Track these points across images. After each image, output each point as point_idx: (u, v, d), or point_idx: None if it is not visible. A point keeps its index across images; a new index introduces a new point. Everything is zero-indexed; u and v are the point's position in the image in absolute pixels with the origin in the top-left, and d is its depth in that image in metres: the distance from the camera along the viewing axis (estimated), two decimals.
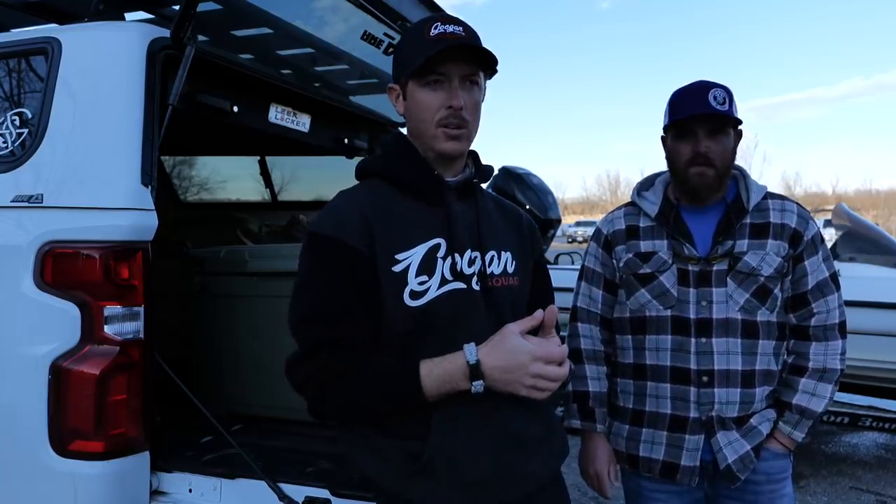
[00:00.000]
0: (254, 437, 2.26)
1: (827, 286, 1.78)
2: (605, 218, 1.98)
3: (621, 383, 1.88)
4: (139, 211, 1.80)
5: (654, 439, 1.79)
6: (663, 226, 1.81)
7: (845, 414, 4.38)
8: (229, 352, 2.55)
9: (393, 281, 1.27)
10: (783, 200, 1.82)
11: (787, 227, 1.76)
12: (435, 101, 1.31)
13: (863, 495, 4.09)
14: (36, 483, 1.81)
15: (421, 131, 1.35)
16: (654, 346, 1.78)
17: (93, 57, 1.89)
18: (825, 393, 1.77)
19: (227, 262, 2.59)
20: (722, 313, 1.72)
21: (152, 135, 1.84)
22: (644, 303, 1.80)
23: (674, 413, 1.76)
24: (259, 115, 2.43)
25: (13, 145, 1.93)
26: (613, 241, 1.89)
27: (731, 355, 1.72)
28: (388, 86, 1.41)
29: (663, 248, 1.79)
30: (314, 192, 4.41)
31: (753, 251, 1.74)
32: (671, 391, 1.76)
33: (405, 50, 1.36)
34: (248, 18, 2.49)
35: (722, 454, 1.73)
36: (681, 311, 1.75)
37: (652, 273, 1.79)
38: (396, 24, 2.58)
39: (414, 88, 1.33)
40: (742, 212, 1.78)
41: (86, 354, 1.75)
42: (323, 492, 1.82)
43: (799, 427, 1.77)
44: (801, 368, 1.79)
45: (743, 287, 1.72)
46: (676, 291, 1.76)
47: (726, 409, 1.73)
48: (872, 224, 5.66)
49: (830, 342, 1.78)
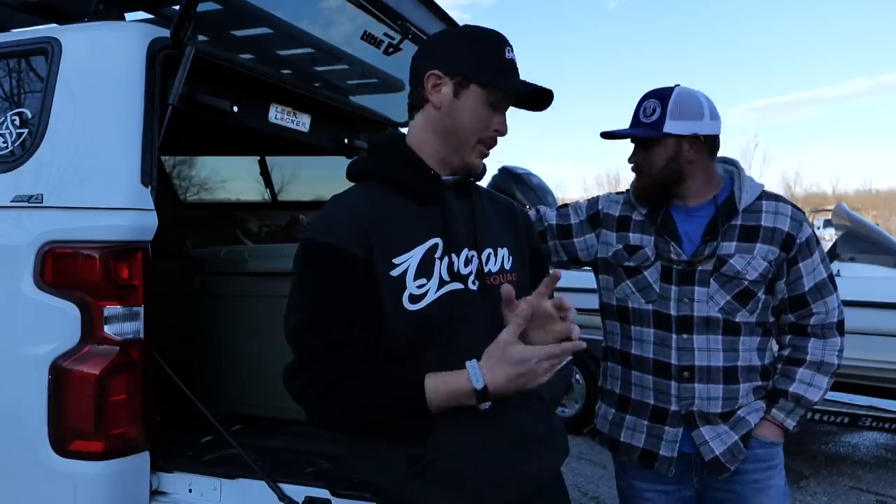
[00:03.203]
0: (254, 437, 2.26)
1: (825, 287, 1.80)
2: (609, 196, 1.99)
3: (611, 367, 1.92)
4: (139, 211, 1.79)
5: (636, 427, 1.83)
6: (651, 223, 1.83)
7: (845, 414, 4.38)
8: (229, 352, 2.55)
9: (391, 285, 1.25)
10: (777, 202, 1.82)
11: (778, 231, 1.76)
12: (490, 120, 1.34)
13: (863, 495, 4.09)
14: (36, 483, 1.81)
15: (458, 135, 1.33)
16: (639, 337, 1.82)
17: (93, 57, 1.89)
18: (821, 384, 1.79)
19: (227, 262, 2.59)
20: (703, 311, 1.74)
21: (152, 135, 1.84)
22: (628, 294, 1.84)
23: (655, 404, 1.79)
24: (259, 115, 2.43)
25: (13, 145, 1.93)
26: (603, 222, 1.92)
27: (711, 352, 1.74)
28: (432, 72, 1.32)
29: (650, 244, 1.82)
30: (314, 192, 4.41)
31: (740, 254, 1.74)
32: (653, 383, 1.79)
33: (487, 56, 1.32)
34: (248, 18, 2.49)
35: (707, 447, 1.75)
36: (662, 307, 1.78)
37: (636, 267, 1.82)
38: (396, 24, 2.58)
39: (476, 95, 1.31)
40: (732, 213, 1.78)
41: (86, 354, 1.75)
42: (323, 492, 1.82)
43: (792, 415, 1.79)
44: (799, 360, 1.82)
45: (725, 289, 1.74)
46: (658, 287, 1.78)
47: (708, 404, 1.75)
48: (872, 224, 5.66)
49: (829, 339, 1.81)
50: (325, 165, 3.85)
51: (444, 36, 1.42)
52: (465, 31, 1.40)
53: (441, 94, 1.32)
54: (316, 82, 3.02)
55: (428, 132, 1.36)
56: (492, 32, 1.36)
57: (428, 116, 1.35)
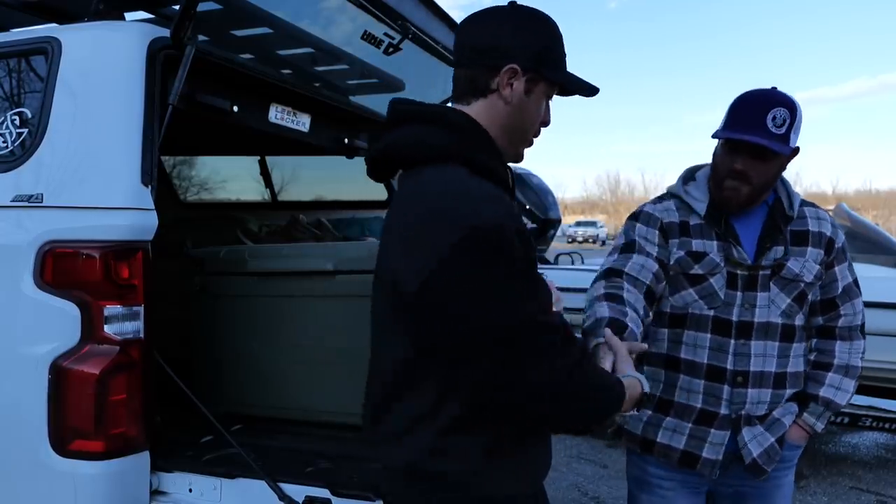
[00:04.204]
0: (254, 437, 2.26)
1: (852, 290, 1.86)
2: (656, 206, 1.87)
3: (650, 371, 1.85)
4: (139, 211, 1.80)
5: (678, 429, 1.81)
6: (713, 227, 1.79)
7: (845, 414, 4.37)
8: (229, 352, 2.55)
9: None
10: (816, 209, 1.87)
11: (823, 235, 1.81)
12: (543, 113, 1.34)
13: (863, 495, 4.09)
14: (36, 483, 1.81)
15: (524, 130, 1.33)
16: (693, 341, 1.78)
17: (93, 57, 1.89)
18: (849, 388, 1.84)
19: (227, 262, 2.59)
20: (763, 317, 1.75)
21: (152, 134, 1.84)
22: (689, 301, 1.78)
23: (703, 408, 1.77)
24: (259, 115, 2.43)
25: (13, 145, 1.93)
26: (668, 232, 1.82)
27: (766, 358, 1.76)
28: (511, 66, 1.25)
29: (713, 250, 1.77)
30: (314, 192, 4.42)
31: (795, 258, 1.77)
32: (704, 387, 1.77)
33: (555, 49, 1.30)
34: (248, 18, 2.49)
35: (747, 449, 1.76)
36: (724, 313, 1.76)
37: (703, 274, 1.77)
38: (396, 24, 2.58)
39: (542, 91, 1.30)
40: (787, 218, 1.80)
41: (86, 354, 1.75)
42: (323, 492, 1.82)
43: (821, 419, 1.84)
44: (827, 364, 1.85)
45: (785, 292, 1.76)
46: (724, 294, 1.76)
47: (756, 408, 1.77)
48: (873, 224, 5.66)
49: (854, 341, 1.86)
50: (325, 165, 3.86)
51: (514, 20, 1.30)
52: (531, 16, 1.30)
53: (514, 89, 1.27)
54: (316, 82, 3.02)
55: (493, 125, 1.28)
56: (550, 20, 1.32)
57: (495, 108, 1.28)
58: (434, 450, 1.22)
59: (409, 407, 1.24)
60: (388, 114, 1.33)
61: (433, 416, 1.21)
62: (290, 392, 2.41)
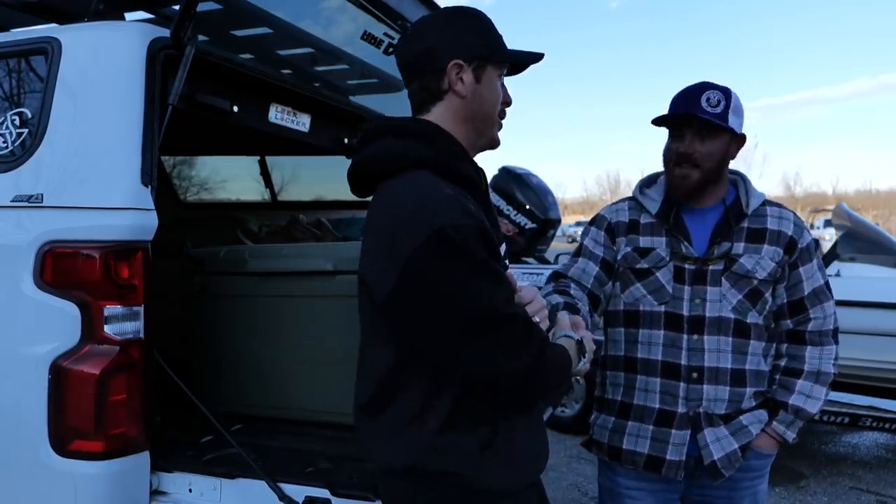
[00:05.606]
0: (254, 437, 2.26)
1: (823, 293, 1.83)
2: (609, 207, 2.00)
3: (611, 375, 1.90)
4: (139, 211, 1.80)
5: (640, 433, 1.81)
6: (663, 223, 1.83)
7: (845, 414, 4.37)
8: (229, 352, 2.54)
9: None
10: (780, 208, 1.87)
11: (783, 234, 1.80)
12: (502, 93, 1.38)
13: (863, 495, 4.09)
14: (36, 483, 1.81)
15: (488, 116, 1.37)
16: (647, 340, 1.81)
17: (93, 57, 1.89)
18: (820, 395, 1.81)
19: (227, 262, 2.59)
20: (715, 312, 1.75)
21: (152, 135, 1.84)
22: (638, 297, 1.82)
23: (661, 407, 1.78)
24: (259, 115, 2.43)
25: (13, 145, 1.93)
26: (616, 231, 1.90)
27: (721, 353, 1.75)
28: (454, 62, 1.31)
29: (661, 245, 1.81)
30: (314, 192, 4.42)
31: (749, 254, 1.77)
32: (660, 385, 1.78)
33: (489, 33, 1.36)
34: (248, 18, 2.49)
35: (708, 450, 1.75)
36: (674, 308, 1.77)
37: (649, 268, 1.81)
38: (396, 24, 2.58)
39: (492, 74, 1.35)
40: (741, 215, 1.80)
41: (86, 354, 1.75)
42: (323, 492, 1.82)
43: (792, 427, 1.81)
44: (797, 371, 1.82)
45: (736, 288, 1.76)
46: (671, 288, 1.78)
47: (714, 405, 1.76)
48: (873, 224, 5.66)
49: (825, 347, 1.83)
50: (325, 165, 3.85)
51: (439, 23, 1.38)
52: (454, 14, 1.39)
53: (464, 82, 1.33)
54: (316, 82, 3.02)
55: (456, 122, 1.34)
56: (475, 10, 1.39)
57: (452, 106, 1.34)
58: (431, 448, 1.25)
59: (400, 409, 1.27)
60: (361, 132, 1.40)
61: (426, 415, 1.25)
62: (290, 392, 2.41)
